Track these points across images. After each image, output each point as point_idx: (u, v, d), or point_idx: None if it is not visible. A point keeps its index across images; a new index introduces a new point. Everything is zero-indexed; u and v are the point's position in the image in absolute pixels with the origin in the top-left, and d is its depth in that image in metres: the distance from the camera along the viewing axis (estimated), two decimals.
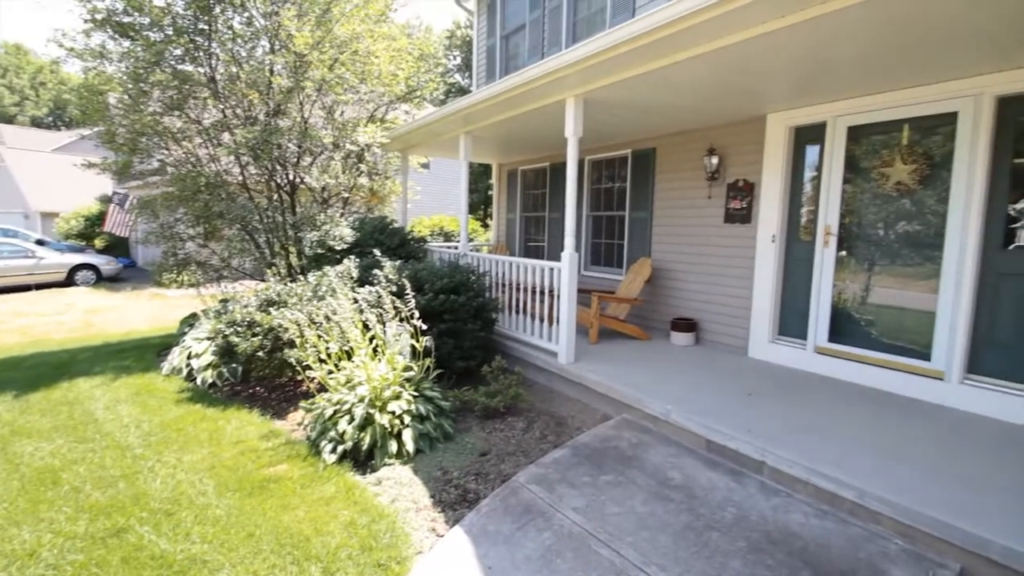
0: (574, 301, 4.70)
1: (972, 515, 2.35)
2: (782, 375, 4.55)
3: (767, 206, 5.03)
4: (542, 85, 4.49)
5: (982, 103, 3.66)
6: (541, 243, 8.51)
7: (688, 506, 2.76)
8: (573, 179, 4.68)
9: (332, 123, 7.35)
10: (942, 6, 2.66)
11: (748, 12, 2.92)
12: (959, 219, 3.79)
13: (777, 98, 4.56)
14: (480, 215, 18.76)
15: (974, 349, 3.77)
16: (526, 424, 4.02)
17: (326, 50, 6.79)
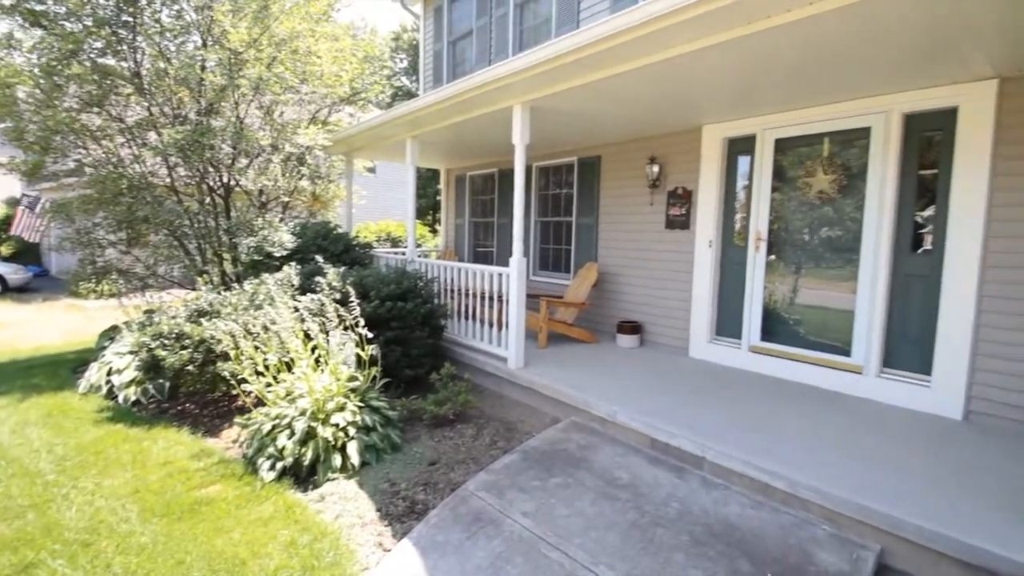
0: (523, 306, 4.73)
1: (889, 498, 2.55)
2: (720, 373, 4.77)
3: (704, 213, 5.27)
4: (490, 91, 4.51)
5: (891, 119, 4.00)
6: (490, 249, 8.52)
7: (635, 504, 2.82)
8: (521, 185, 4.72)
9: (271, 124, 7.06)
10: (855, 32, 2.89)
11: (682, 29, 3.06)
12: (873, 225, 4.12)
13: (712, 111, 4.81)
14: (429, 220, 18.58)
15: (888, 345, 4.11)
16: (476, 431, 3.99)
17: (264, 48, 6.52)
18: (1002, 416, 3.51)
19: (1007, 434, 3.40)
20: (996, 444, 3.25)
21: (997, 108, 3.50)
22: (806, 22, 2.76)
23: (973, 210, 3.59)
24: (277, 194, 7.62)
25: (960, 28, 2.81)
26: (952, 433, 3.44)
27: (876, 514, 2.47)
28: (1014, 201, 3.47)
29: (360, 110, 8.94)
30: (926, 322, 3.88)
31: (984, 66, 3.34)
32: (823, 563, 2.33)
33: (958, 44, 3.03)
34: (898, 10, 2.62)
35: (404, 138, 6.37)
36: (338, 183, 8.51)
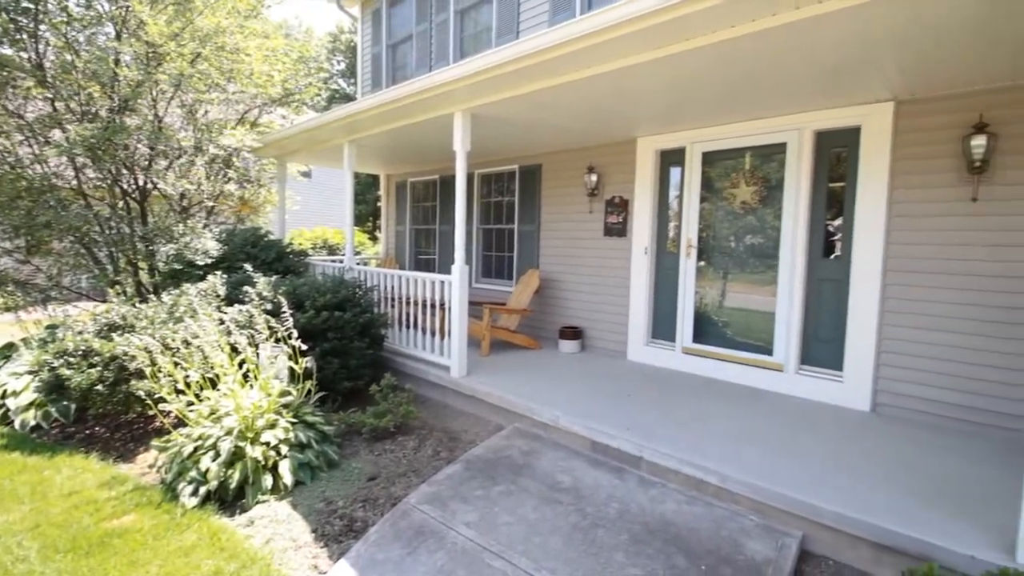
0: (465, 314, 4.70)
1: (808, 487, 2.73)
2: (656, 375, 4.95)
3: (640, 221, 5.48)
4: (430, 97, 4.46)
5: (804, 136, 4.34)
6: (432, 256, 8.42)
7: (576, 507, 2.86)
8: (463, 192, 4.70)
9: (193, 123, 6.63)
10: (772, 56, 3.12)
11: (616, 45, 3.17)
12: (790, 233, 4.44)
13: (645, 124, 5.02)
14: (368, 227, 18.11)
15: (805, 344, 4.43)
16: (418, 442, 3.90)
17: (186, 42, 6.12)
18: (904, 407, 3.88)
19: (909, 423, 3.75)
20: (900, 433, 3.57)
21: (894, 127, 3.88)
22: (727, 44, 2.94)
23: (875, 219, 3.96)
24: (201, 198, 7.14)
25: (863, 57, 3.11)
26: (862, 424, 3.75)
27: (798, 503, 2.64)
28: (908, 212, 3.86)
29: (294, 112, 8.59)
30: (837, 322, 4.22)
31: (883, 90, 3.70)
32: (751, 552, 2.45)
33: (861, 70, 3.34)
34: (810, 39, 2.86)
35: (341, 142, 6.18)
36: (270, 187, 8.11)
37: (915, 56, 3.08)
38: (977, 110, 3.55)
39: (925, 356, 3.78)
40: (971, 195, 3.60)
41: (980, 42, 2.84)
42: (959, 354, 3.64)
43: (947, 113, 3.68)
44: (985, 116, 3.51)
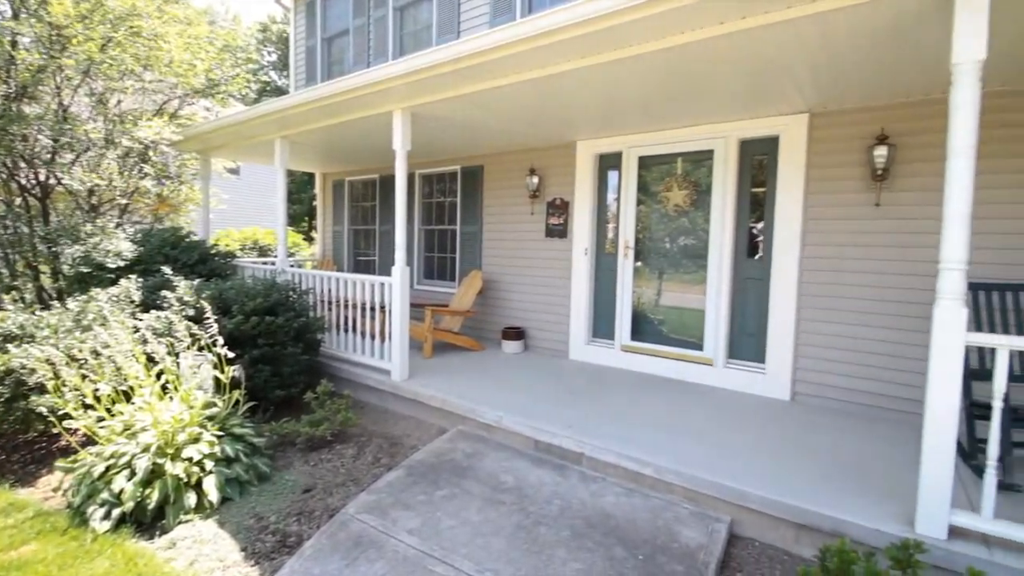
0: (406, 316, 4.60)
1: (735, 474, 2.89)
2: (597, 373, 5.08)
3: (580, 222, 5.60)
4: (368, 94, 4.34)
5: (729, 143, 4.61)
6: (372, 257, 8.19)
7: (519, 506, 2.87)
8: (403, 192, 4.61)
9: (104, 114, 6.09)
10: (701, 67, 3.28)
11: (553, 50, 3.23)
12: (718, 235, 4.69)
13: (584, 128, 5.13)
14: (304, 228, 17.35)
15: (732, 339, 4.71)
16: (357, 450, 3.78)
17: (95, 25, 5.61)
18: (819, 395, 4.20)
19: (823, 410, 4.07)
20: (816, 419, 3.87)
21: (808, 137, 4.20)
22: (660, 54, 3.07)
23: (792, 222, 4.26)
24: (112, 195, 6.57)
25: (781, 72, 3.35)
26: (783, 412, 4.02)
27: (726, 489, 2.79)
28: (820, 215, 4.19)
29: (219, 104, 8.10)
30: (760, 318, 4.51)
31: (799, 102, 4.00)
32: (685, 539, 2.57)
33: (779, 84, 3.59)
34: (734, 53, 3.04)
35: (272, 138, 5.88)
36: (192, 185, 7.59)
37: (826, 73, 3.35)
38: (880, 123, 3.91)
39: (836, 348, 4.12)
40: (875, 200, 3.96)
41: (881, 63, 3.13)
42: (865, 345, 3.99)
43: (854, 125, 4.02)
44: (886, 128, 3.88)
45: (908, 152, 3.81)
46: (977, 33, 2.16)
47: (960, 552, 2.19)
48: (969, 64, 2.19)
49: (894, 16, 2.53)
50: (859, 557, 1.83)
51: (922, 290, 3.69)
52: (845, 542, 1.90)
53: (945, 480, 2.26)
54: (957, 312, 2.21)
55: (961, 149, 2.21)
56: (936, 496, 2.28)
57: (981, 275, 3.39)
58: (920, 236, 3.73)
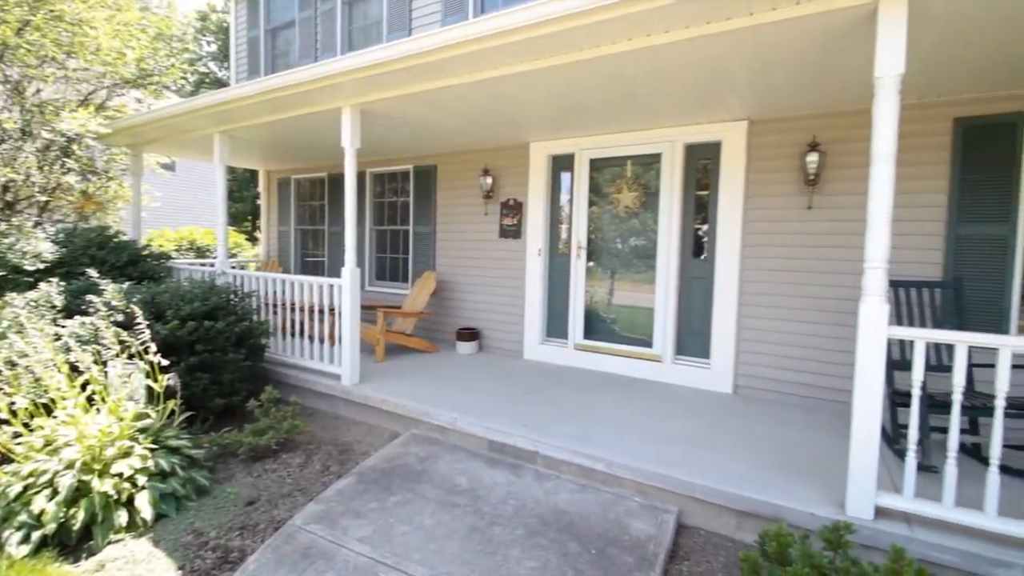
0: (357, 318, 4.49)
1: (682, 465, 3.00)
2: (550, 372, 5.14)
3: (534, 223, 5.64)
4: (316, 90, 4.20)
5: (676, 148, 4.77)
6: (321, 258, 7.93)
7: (474, 508, 2.86)
8: (352, 191, 4.49)
9: (20, 103, 5.59)
10: (648, 73, 3.38)
11: (506, 52, 3.25)
12: (666, 236, 4.85)
13: (537, 130, 5.18)
14: (247, 227, 16.57)
15: (680, 336, 4.88)
16: (305, 458, 3.64)
17: (10, 7, 5.14)
18: (759, 388, 4.42)
19: (763, 402, 4.29)
20: (756, 411, 4.07)
21: (747, 143, 4.41)
22: (610, 59, 3.15)
23: (733, 223, 4.46)
24: (31, 192, 6.04)
25: (722, 81, 3.50)
26: (726, 405, 4.20)
27: (674, 481, 2.88)
28: (759, 217, 4.41)
29: (152, 95, 7.62)
30: (705, 316, 4.70)
31: (739, 110, 4.20)
32: (636, 531, 2.63)
33: (721, 92, 3.76)
34: (680, 60, 3.15)
35: (211, 133, 5.59)
36: (121, 181, 7.09)
37: (762, 83, 3.53)
38: (812, 131, 4.16)
39: (774, 342, 4.35)
40: (807, 204, 4.21)
41: (812, 75, 3.33)
42: (799, 340, 4.24)
43: (788, 132, 4.26)
44: (818, 136, 4.13)
45: (837, 159, 4.08)
46: (896, 50, 2.34)
47: (885, 531, 2.36)
48: (890, 78, 2.37)
49: (822, 32, 2.70)
50: (795, 540, 1.94)
51: (850, 287, 3.95)
52: (782, 526, 2.01)
53: (871, 464, 2.43)
54: (880, 308, 2.39)
55: (883, 156, 2.38)
56: (863, 479, 2.45)
57: (902, 273, 3.69)
58: (848, 237, 4.00)
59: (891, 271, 2.47)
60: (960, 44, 2.82)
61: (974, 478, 2.48)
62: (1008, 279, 3.59)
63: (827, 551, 1.93)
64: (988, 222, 3.63)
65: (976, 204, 3.66)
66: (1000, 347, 2.23)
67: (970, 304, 3.57)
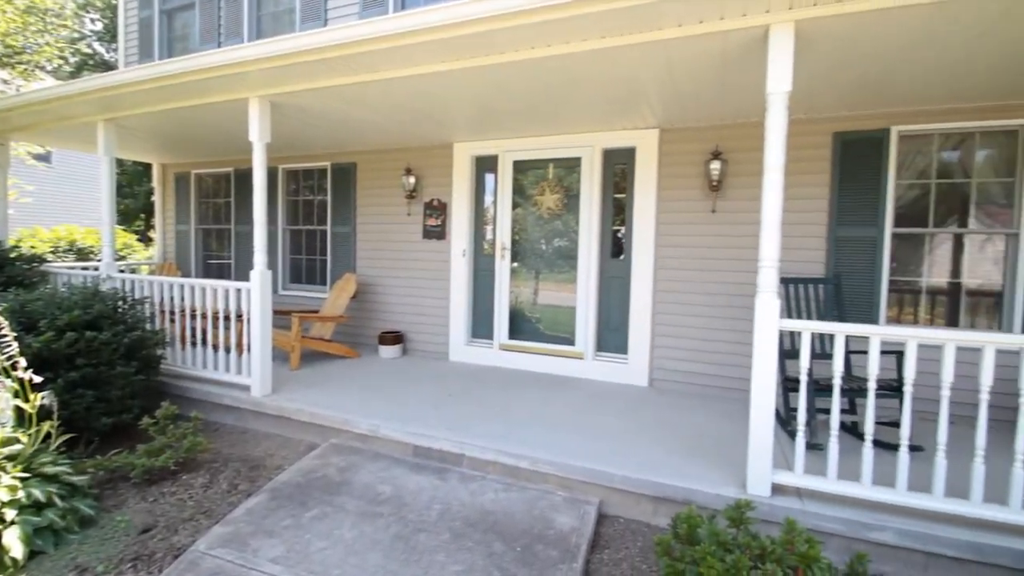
0: (269, 325, 4.21)
1: (602, 458, 3.11)
2: (476, 373, 5.13)
3: (458, 224, 5.61)
4: (220, 77, 3.88)
5: (595, 152, 4.95)
6: (227, 260, 7.36)
7: (398, 516, 2.78)
8: (262, 188, 4.21)
9: None
10: (567, 79, 3.47)
11: (424, 50, 3.20)
12: (586, 237, 5.02)
13: (461, 130, 5.14)
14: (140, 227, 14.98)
15: (600, 333, 5.07)
16: (209, 478, 3.35)
17: None
18: (672, 380, 4.70)
19: (676, 393, 4.57)
20: (669, 402, 4.32)
21: (659, 150, 4.68)
22: (531, 64, 3.20)
23: (647, 225, 4.71)
24: None
25: (636, 90, 3.69)
26: (642, 398, 4.43)
27: (594, 472, 2.98)
28: (670, 220, 4.69)
29: (22, 77, 6.69)
30: (623, 313, 4.92)
31: (651, 118, 4.44)
32: (560, 524, 2.69)
33: (635, 101, 3.95)
34: (596, 68, 3.27)
35: (95, 120, 4.99)
36: None
37: (671, 94, 3.76)
38: (715, 140, 4.49)
39: (684, 337, 4.65)
40: (711, 208, 4.54)
41: (715, 88, 3.59)
42: (707, 334, 4.56)
43: (695, 141, 4.57)
44: (720, 146, 4.46)
45: (737, 167, 4.44)
46: (785, 69, 2.58)
47: (780, 506, 2.60)
48: (779, 94, 2.61)
49: (722, 49, 2.92)
50: (703, 520, 2.07)
51: (749, 285, 4.32)
52: (692, 509, 2.14)
53: (767, 446, 2.66)
54: (772, 303, 2.62)
55: (774, 165, 2.62)
56: (761, 460, 2.67)
57: (792, 271, 4.09)
58: (746, 239, 4.36)
59: (782, 269, 2.73)
60: (836, 68, 3.17)
61: (853, 453, 2.80)
62: (877, 275, 4.10)
63: (731, 528, 2.08)
64: (861, 225, 4.12)
65: (851, 209, 4.15)
66: (871, 335, 2.54)
67: (848, 298, 4.03)
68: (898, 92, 3.62)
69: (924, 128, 3.99)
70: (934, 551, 2.38)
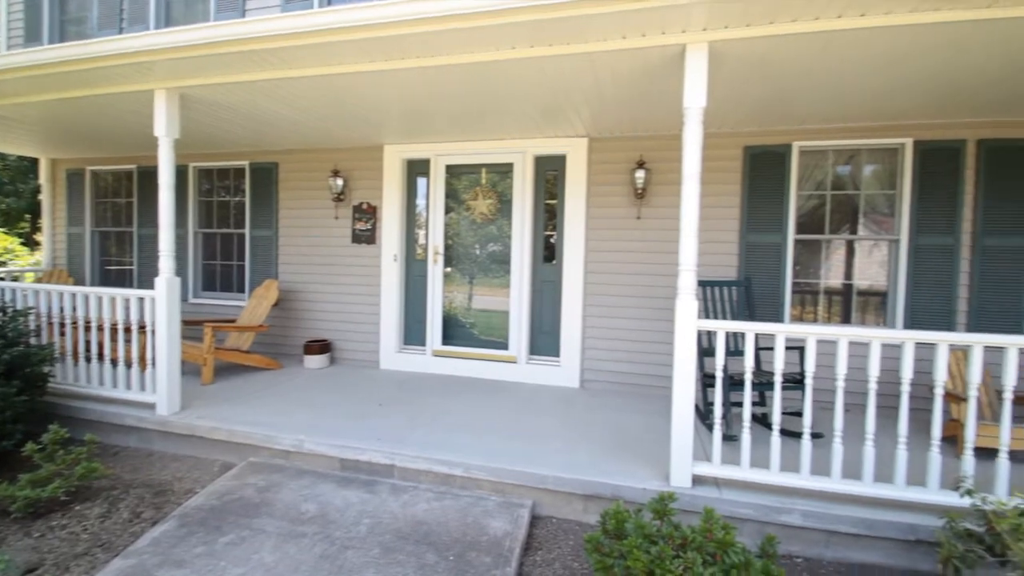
0: (177, 336, 3.88)
1: (534, 459, 3.14)
2: (408, 380, 5.01)
3: (389, 228, 5.47)
4: (123, 66, 3.52)
5: (527, 159, 5.02)
6: (128, 266, 6.70)
7: (324, 534, 2.64)
8: (169, 188, 3.88)
9: None
10: (493, 86, 3.49)
11: (346, 49, 3.10)
12: (519, 241, 5.07)
13: (391, 132, 5.02)
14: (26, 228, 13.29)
15: (533, 337, 5.14)
16: (108, 507, 3.02)
17: None
18: (602, 380, 4.85)
19: (606, 393, 4.71)
20: (599, 402, 4.44)
21: (588, 158, 4.82)
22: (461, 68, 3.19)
23: (577, 231, 4.84)
24: None
25: (564, 99, 3.77)
26: (573, 399, 4.52)
27: (526, 475, 3.00)
28: (598, 225, 4.84)
29: None
30: (555, 317, 5.02)
31: (580, 127, 4.56)
32: (493, 530, 2.68)
33: (564, 110, 4.05)
34: (525, 76, 3.32)
35: None
36: None
37: (598, 104, 3.88)
38: (640, 151, 4.70)
39: (612, 338, 4.81)
40: (637, 214, 4.74)
41: (638, 101, 3.76)
42: (634, 335, 4.75)
43: (622, 151, 4.76)
44: (644, 156, 4.68)
45: (660, 176, 4.67)
46: (700, 85, 2.75)
47: (700, 495, 2.74)
48: (695, 109, 2.77)
49: (644, 64, 3.07)
50: (630, 515, 2.14)
51: (671, 287, 4.54)
52: (619, 504, 2.21)
53: (688, 439, 2.80)
54: (691, 304, 2.77)
55: (691, 175, 2.78)
56: (682, 453, 2.81)
57: (708, 274, 4.35)
58: (668, 244, 4.59)
59: (700, 273, 2.91)
60: (745, 87, 3.42)
61: (764, 442, 3.00)
62: (782, 278, 4.46)
63: (655, 520, 2.16)
64: (768, 232, 4.47)
65: (760, 217, 4.49)
66: (777, 333, 2.75)
67: (758, 299, 4.36)
68: (799, 111, 3.98)
69: (821, 144, 4.41)
70: (834, 529, 2.60)
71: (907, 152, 4.23)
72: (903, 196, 4.27)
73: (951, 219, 4.17)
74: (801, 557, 2.64)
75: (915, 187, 4.22)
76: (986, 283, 4.12)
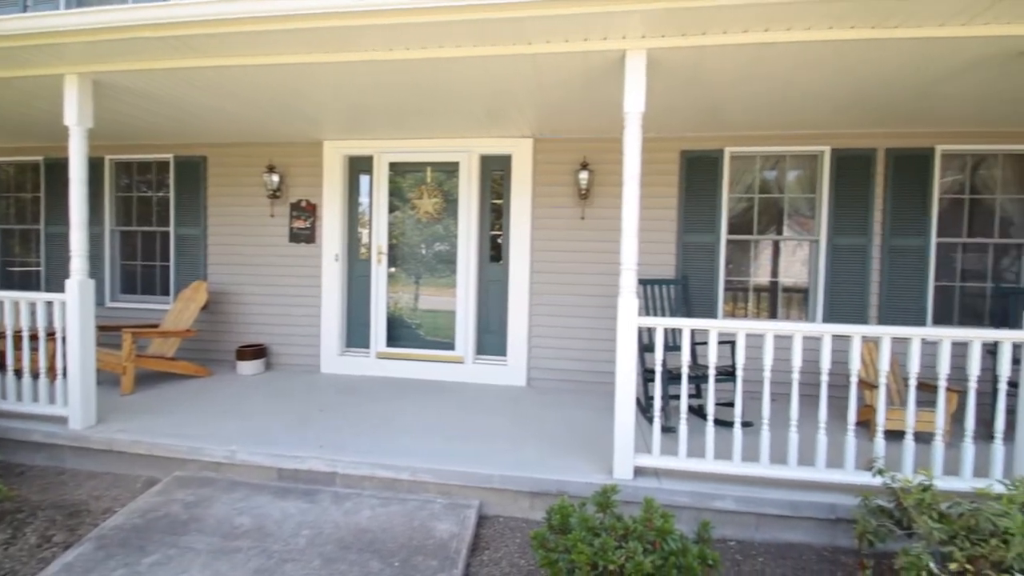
0: (92, 343, 3.56)
1: (480, 459, 3.13)
2: (351, 384, 4.86)
3: (330, 227, 5.28)
4: (29, 47, 3.19)
5: (472, 158, 5.00)
6: (35, 267, 6.08)
7: (260, 548, 2.51)
8: (82, 182, 3.57)
9: None
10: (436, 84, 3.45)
11: (290, 37, 2.96)
12: (465, 241, 5.05)
13: (331, 127, 4.85)
14: None
15: (479, 337, 5.13)
16: (11, 532, 2.73)
17: None
18: (548, 378, 4.91)
19: (552, 391, 4.78)
20: (546, 399, 4.50)
21: (533, 159, 4.87)
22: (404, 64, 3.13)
23: (523, 231, 4.88)
24: None
25: (508, 99, 3.80)
26: (520, 397, 4.56)
27: (472, 475, 2.99)
28: (544, 225, 4.91)
29: None
30: (502, 316, 5.03)
31: (525, 128, 4.60)
32: (440, 532, 2.64)
33: (508, 110, 4.07)
34: (469, 75, 3.30)
35: None
36: None
37: (542, 105, 3.93)
38: (584, 152, 4.80)
39: (558, 337, 4.89)
40: (581, 215, 4.84)
41: (581, 104, 3.83)
42: (578, 333, 4.85)
43: (566, 152, 4.84)
44: (587, 158, 4.78)
45: (603, 177, 4.79)
46: (638, 91, 2.84)
47: (642, 486, 2.83)
48: (634, 113, 2.87)
49: (585, 68, 3.13)
50: (575, 509, 2.18)
51: (614, 286, 4.67)
52: (564, 499, 2.24)
53: (629, 432, 2.89)
54: (632, 302, 2.86)
55: (631, 177, 2.87)
56: (624, 445, 2.90)
57: (648, 273, 4.50)
58: (611, 244, 4.69)
59: (640, 272, 3.00)
60: (681, 93, 3.57)
61: (700, 432, 3.14)
62: (716, 276, 4.70)
63: (599, 513, 2.21)
64: (703, 232, 4.70)
65: (695, 218, 4.70)
66: (711, 329, 2.89)
67: (694, 296, 4.56)
68: (731, 118, 4.20)
69: (750, 150, 4.68)
70: (763, 512, 2.77)
71: (826, 159, 4.58)
72: (822, 199, 4.61)
73: (864, 221, 4.54)
74: (734, 540, 2.78)
75: (833, 191, 4.57)
76: (894, 280, 4.53)
